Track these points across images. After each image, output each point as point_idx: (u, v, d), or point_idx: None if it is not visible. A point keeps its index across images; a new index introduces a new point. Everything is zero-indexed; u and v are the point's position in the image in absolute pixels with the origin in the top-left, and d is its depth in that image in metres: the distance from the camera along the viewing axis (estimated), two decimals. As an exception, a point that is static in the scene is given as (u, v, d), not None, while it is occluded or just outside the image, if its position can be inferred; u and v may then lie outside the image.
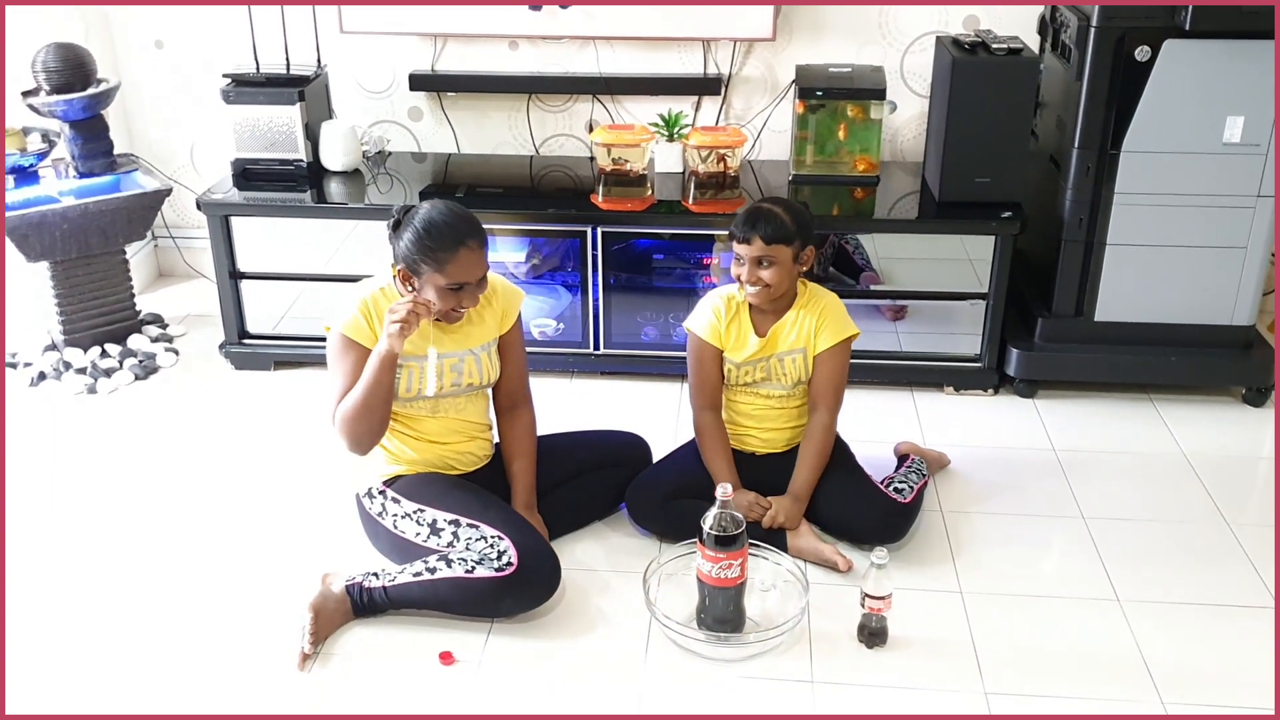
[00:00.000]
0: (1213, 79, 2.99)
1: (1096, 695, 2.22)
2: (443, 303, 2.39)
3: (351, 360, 2.41)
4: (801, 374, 2.66)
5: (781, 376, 2.67)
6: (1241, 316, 3.23)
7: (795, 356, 2.65)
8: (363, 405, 2.35)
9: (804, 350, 2.65)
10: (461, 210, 2.41)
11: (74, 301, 3.54)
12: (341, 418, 2.39)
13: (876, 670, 2.29)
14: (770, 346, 2.65)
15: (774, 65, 3.74)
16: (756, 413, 2.73)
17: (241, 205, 3.42)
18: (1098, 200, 3.16)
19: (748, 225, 2.56)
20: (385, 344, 2.32)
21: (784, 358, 2.65)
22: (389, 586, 2.39)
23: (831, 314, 2.65)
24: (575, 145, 3.91)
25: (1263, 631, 2.40)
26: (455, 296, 2.40)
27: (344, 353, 2.42)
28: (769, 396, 2.71)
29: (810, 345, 2.64)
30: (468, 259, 2.37)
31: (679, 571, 2.51)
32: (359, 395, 2.35)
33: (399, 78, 3.84)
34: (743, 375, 2.68)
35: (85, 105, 3.47)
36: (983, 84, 3.16)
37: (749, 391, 2.71)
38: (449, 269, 2.35)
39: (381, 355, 2.33)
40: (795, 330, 2.64)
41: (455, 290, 2.39)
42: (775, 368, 2.66)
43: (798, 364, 2.65)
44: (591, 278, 3.39)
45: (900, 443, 3.01)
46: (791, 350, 2.65)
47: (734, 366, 2.67)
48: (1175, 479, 2.98)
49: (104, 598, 2.51)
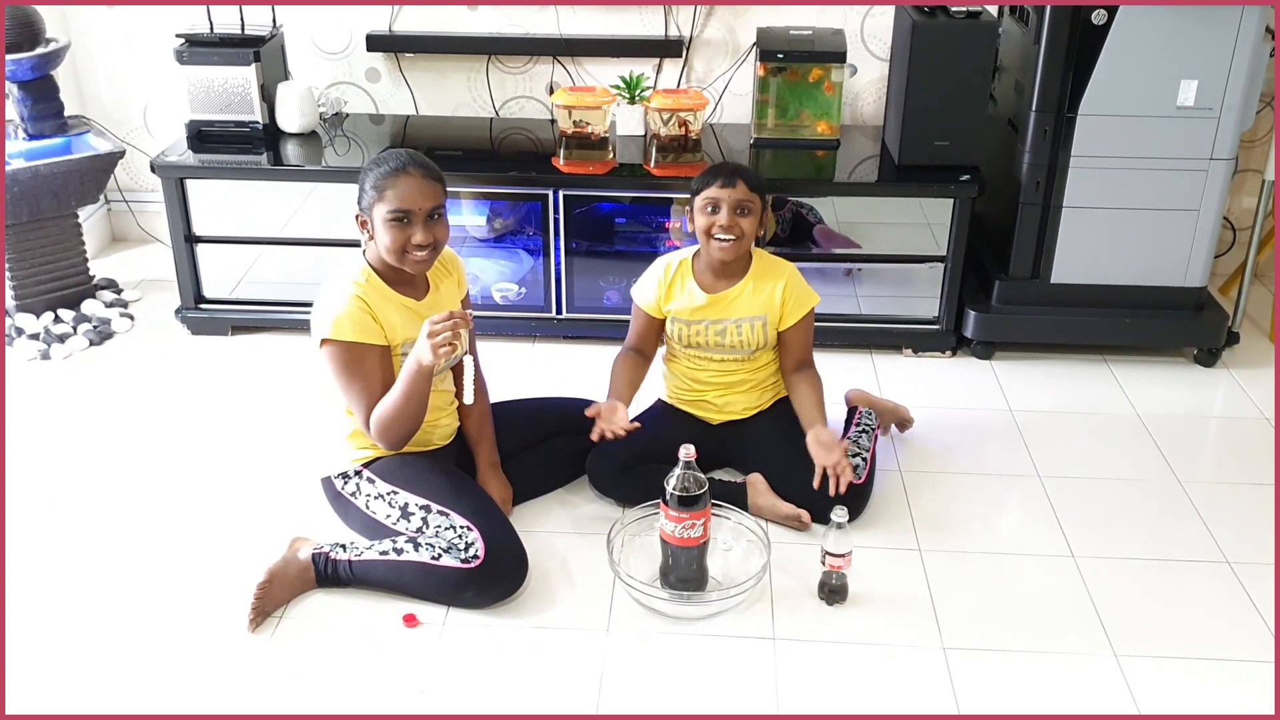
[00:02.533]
0: (1167, 43, 3.02)
1: (1052, 649, 2.27)
2: (388, 237, 2.33)
3: (369, 363, 2.36)
4: (761, 339, 2.67)
5: (737, 338, 2.67)
6: (1194, 278, 3.28)
7: (755, 322, 2.65)
8: (404, 413, 2.33)
9: (764, 318, 2.65)
10: (414, 151, 2.41)
11: (26, 266, 3.47)
12: (382, 426, 2.35)
13: (837, 627, 2.32)
14: (723, 308, 2.65)
15: (735, 28, 3.73)
16: (714, 380, 2.74)
17: (197, 168, 3.37)
18: (1054, 163, 3.18)
19: (728, 172, 2.57)
20: (429, 359, 2.24)
21: (741, 323, 2.66)
22: (354, 560, 2.38)
23: (795, 286, 2.67)
24: (536, 108, 3.89)
25: (1213, 585, 2.46)
26: (403, 232, 2.33)
27: (358, 359, 2.35)
28: (723, 362, 2.72)
29: (774, 316, 2.65)
30: (408, 184, 2.32)
31: (642, 533, 2.53)
32: (399, 405, 2.32)
33: (356, 38, 3.79)
34: (694, 335, 2.69)
35: (34, 65, 3.40)
36: (942, 47, 3.17)
37: (705, 358, 2.72)
38: (390, 195, 2.31)
39: (422, 368, 2.28)
40: (756, 296, 2.65)
41: (401, 222, 2.32)
42: (731, 330, 2.66)
43: (756, 329, 2.66)
44: (553, 241, 3.38)
45: (850, 390, 3.01)
46: (750, 317, 2.65)
47: (684, 326, 2.68)
48: (1128, 438, 3.03)
49: (62, 567, 2.48)
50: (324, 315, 2.36)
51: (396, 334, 2.40)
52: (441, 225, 2.40)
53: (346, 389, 2.39)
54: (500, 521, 2.42)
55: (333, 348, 2.35)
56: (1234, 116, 3.08)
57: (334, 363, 2.37)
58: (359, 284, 2.38)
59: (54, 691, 2.14)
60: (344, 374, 2.37)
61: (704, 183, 2.59)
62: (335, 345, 2.34)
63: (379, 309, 2.37)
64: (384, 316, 2.38)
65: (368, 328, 2.35)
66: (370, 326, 2.35)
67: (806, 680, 2.18)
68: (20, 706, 2.10)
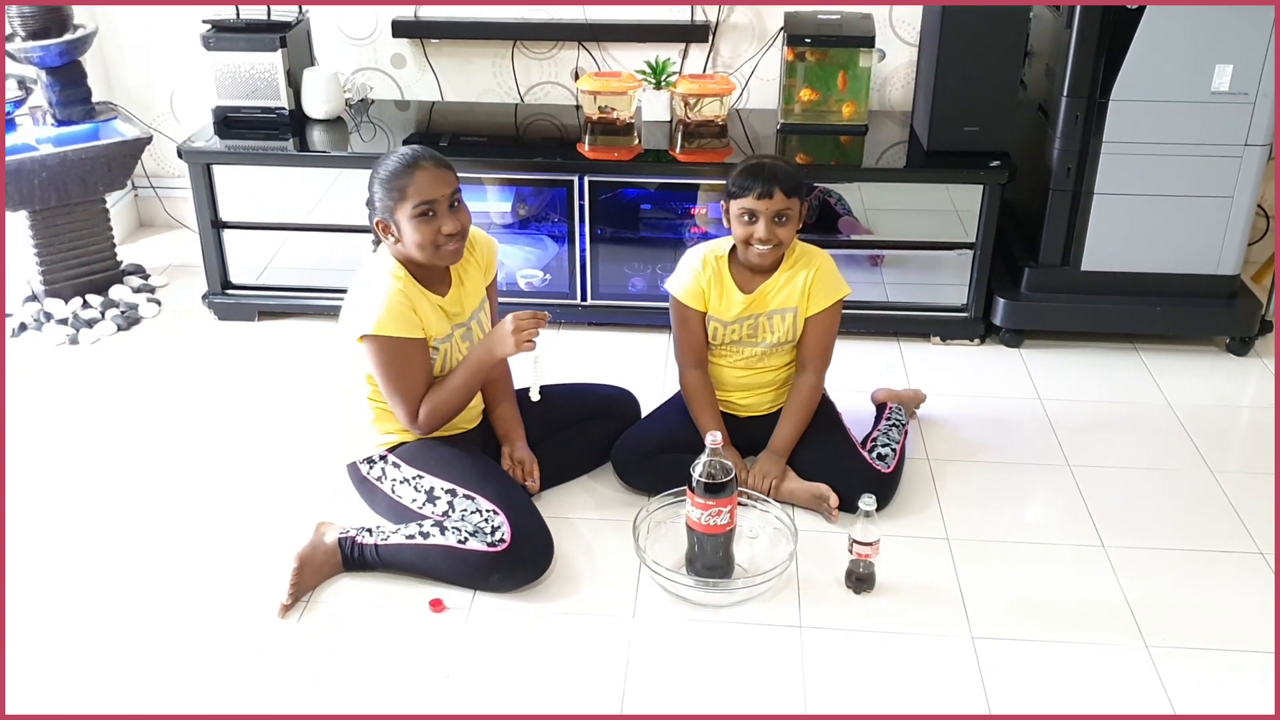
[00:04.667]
0: (1201, 27, 2.97)
1: (1082, 640, 2.24)
2: (417, 234, 2.33)
3: (415, 357, 2.38)
4: (790, 333, 2.64)
5: (769, 334, 2.64)
6: (1227, 266, 3.24)
7: (786, 315, 2.62)
8: (458, 402, 2.44)
9: (795, 309, 2.61)
10: (416, 145, 2.42)
11: (54, 251, 3.49)
12: (434, 415, 2.41)
13: (864, 615, 2.31)
14: (759, 304, 2.62)
15: (762, 12, 3.70)
16: (736, 379, 2.71)
17: (223, 154, 3.38)
18: (1086, 149, 3.15)
19: (766, 179, 2.48)
20: (508, 351, 2.37)
21: (773, 315, 2.63)
22: (380, 545, 2.38)
23: (825, 274, 2.60)
24: (561, 93, 3.87)
25: (1244, 576, 2.43)
26: (431, 225, 2.33)
27: (403, 353, 2.36)
28: (747, 356, 2.67)
29: (802, 305, 2.61)
30: (424, 177, 2.33)
31: (668, 519, 2.52)
32: (457, 394, 2.42)
33: (381, 24, 3.79)
34: (729, 334, 2.66)
35: (62, 51, 3.41)
36: (972, 31, 3.14)
37: (731, 351, 2.69)
38: (410, 192, 2.32)
39: (493, 358, 2.40)
40: (788, 288, 2.60)
41: (427, 215, 2.33)
42: (764, 325, 2.63)
43: (787, 321, 2.63)
44: (578, 228, 3.37)
45: (876, 390, 3.00)
46: (782, 309, 2.62)
47: (721, 325, 2.65)
48: (1160, 427, 3.00)
49: (92, 552, 2.50)
50: (366, 310, 2.35)
51: (431, 327, 2.41)
52: (464, 211, 2.40)
53: (390, 382, 2.38)
54: (526, 506, 2.42)
55: (377, 343, 2.34)
56: (1269, 102, 3.03)
57: (378, 357, 2.36)
58: (399, 276, 2.38)
59: (82, 676, 2.15)
60: (389, 368, 2.37)
61: (740, 188, 2.51)
62: (380, 340, 2.34)
63: (418, 303, 2.38)
64: (421, 310, 2.38)
65: (411, 321, 2.35)
66: (413, 320, 2.36)
67: (833, 669, 2.17)
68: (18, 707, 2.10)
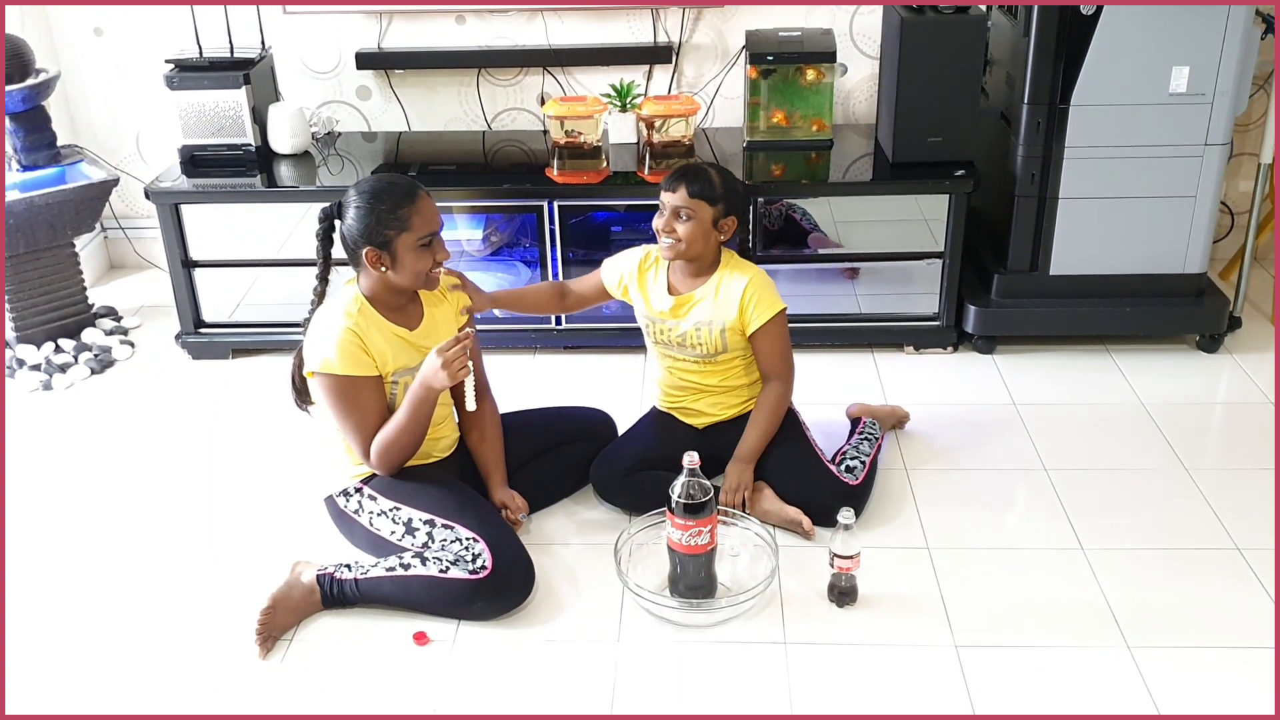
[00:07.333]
0: (1157, 30, 3.01)
1: (1064, 643, 2.26)
2: (418, 264, 2.36)
3: (365, 394, 2.37)
4: (719, 345, 2.65)
5: (696, 345, 2.66)
6: (1193, 265, 3.28)
7: (713, 328, 2.63)
8: (407, 438, 2.38)
9: (721, 324, 2.62)
10: (394, 174, 2.42)
11: (24, 297, 3.48)
12: (384, 453, 2.38)
13: (848, 629, 2.32)
14: (682, 308, 2.65)
15: (724, 31, 3.73)
16: (689, 383, 2.74)
17: (191, 193, 3.37)
18: (1049, 155, 3.18)
19: (676, 176, 2.59)
20: (439, 382, 2.30)
21: (701, 327, 2.64)
22: (360, 579, 2.37)
23: (759, 293, 2.61)
24: (528, 119, 3.89)
25: (1222, 573, 2.45)
26: (429, 253, 2.37)
27: (353, 392, 2.35)
28: (687, 363, 2.71)
29: (734, 322, 2.62)
30: (427, 207, 2.37)
31: (649, 541, 2.52)
32: (403, 431, 2.36)
33: (345, 57, 3.80)
34: (659, 334, 2.70)
35: (25, 96, 3.40)
36: (932, 43, 3.17)
37: (672, 357, 2.73)
38: (414, 222, 2.34)
39: (431, 393, 2.33)
40: (712, 304, 2.62)
41: (427, 245, 2.37)
42: (691, 336, 2.66)
43: (713, 335, 2.63)
44: (550, 252, 3.38)
45: (850, 405, 3.02)
46: (709, 321, 2.63)
47: (651, 322, 2.70)
48: (1133, 427, 3.02)
49: (70, 594, 2.48)
50: (315, 348, 2.36)
51: (388, 363, 2.40)
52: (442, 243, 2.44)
53: (341, 420, 2.39)
54: (506, 532, 2.42)
55: (325, 380, 2.35)
56: (1227, 101, 3.07)
57: (327, 394, 2.37)
58: (351, 314, 2.38)
59: None
60: (338, 405, 2.37)
61: (662, 184, 2.62)
62: (327, 378, 2.35)
63: (370, 339, 2.37)
64: (375, 347, 2.37)
65: (359, 360, 2.35)
66: (361, 359, 2.35)
67: (820, 684, 2.18)
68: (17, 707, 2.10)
